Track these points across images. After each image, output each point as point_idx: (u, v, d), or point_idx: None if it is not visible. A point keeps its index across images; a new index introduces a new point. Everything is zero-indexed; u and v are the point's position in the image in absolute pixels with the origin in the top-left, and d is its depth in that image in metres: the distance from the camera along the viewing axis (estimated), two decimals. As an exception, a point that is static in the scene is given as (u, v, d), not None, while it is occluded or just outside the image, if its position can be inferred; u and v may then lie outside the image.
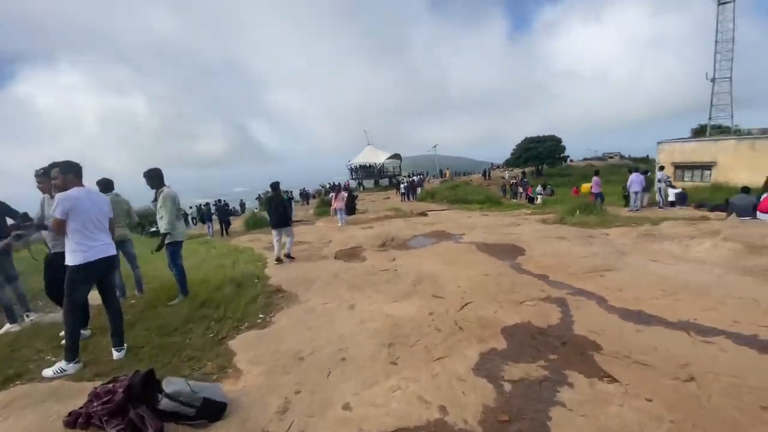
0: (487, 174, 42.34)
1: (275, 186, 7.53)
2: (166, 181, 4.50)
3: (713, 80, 36.40)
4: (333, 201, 13.19)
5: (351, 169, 40.89)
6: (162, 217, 4.32)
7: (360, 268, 6.08)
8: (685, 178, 23.90)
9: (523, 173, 39.65)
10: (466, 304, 4.35)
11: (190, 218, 26.32)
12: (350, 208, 18.99)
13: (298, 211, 23.50)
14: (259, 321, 4.14)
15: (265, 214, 15.55)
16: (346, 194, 13.77)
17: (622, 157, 62.54)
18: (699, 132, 37.24)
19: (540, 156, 40.51)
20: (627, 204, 13.14)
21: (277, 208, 7.21)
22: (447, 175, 41.82)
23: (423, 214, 15.00)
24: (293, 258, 7.35)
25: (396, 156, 40.63)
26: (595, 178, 13.22)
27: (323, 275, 5.71)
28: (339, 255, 7.65)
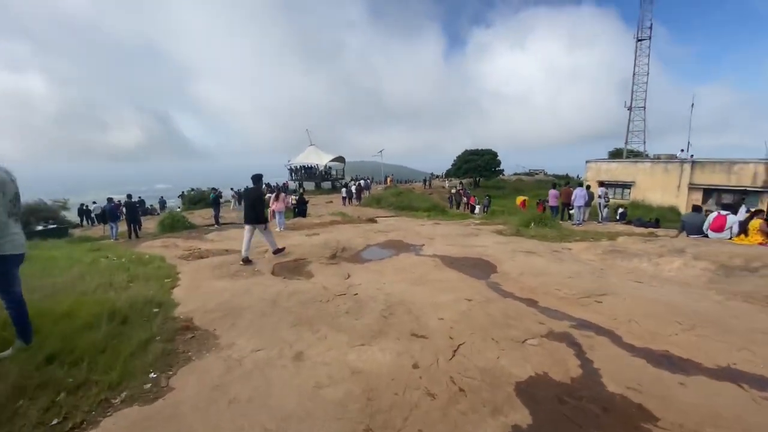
0: (427, 183, 42.77)
1: (257, 178, 6.93)
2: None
3: (630, 108, 40.83)
4: (271, 202, 11.44)
5: (291, 170, 38.45)
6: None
7: (307, 290, 4.66)
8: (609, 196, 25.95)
9: (461, 184, 40.74)
10: (458, 348, 3.22)
11: (92, 216, 22.20)
12: (301, 213, 17.12)
13: (227, 213, 20.94)
14: (147, 387, 2.57)
15: (182, 214, 13.28)
16: (285, 195, 12.08)
17: (545, 174, 67.99)
18: (616, 155, 41.39)
19: (478, 168, 41.97)
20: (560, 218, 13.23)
21: (254, 203, 6.72)
22: (389, 181, 41.40)
23: (372, 220, 13.85)
24: (283, 249, 7.04)
25: (340, 159, 39.09)
26: (552, 191, 13.20)
27: (256, 302, 4.20)
28: (278, 270, 6.12)
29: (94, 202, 22.96)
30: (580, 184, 13.71)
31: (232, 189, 27.46)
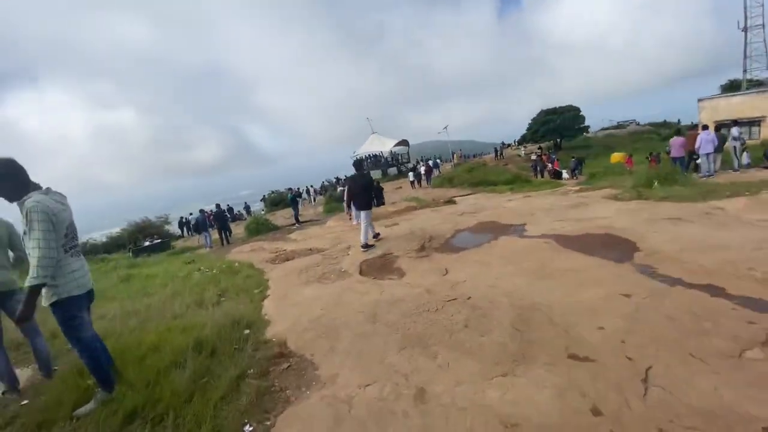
0: (499, 153, 39.82)
1: (359, 164, 6.94)
2: (53, 185, 2.35)
3: (745, 29, 33.12)
4: (345, 195, 11.03)
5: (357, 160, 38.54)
6: (31, 254, 2.13)
7: (407, 296, 3.92)
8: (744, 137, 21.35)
9: (540, 148, 37.03)
10: (646, 374, 2.21)
11: (191, 226, 24.48)
12: (378, 201, 16.86)
13: (305, 210, 21.48)
14: (242, 448, 2.04)
15: (266, 217, 13.63)
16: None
17: (638, 124, 59.22)
18: (730, 88, 34.04)
19: (558, 129, 37.76)
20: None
21: (365, 189, 6.51)
22: (456, 158, 39.14)
23: (450, 201, 12.78)
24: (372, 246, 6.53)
25: (403, 142, 38.10)
26: (677, 139, 10.78)
27: (352, 316, 3.58)
28: (366, 269, 5.52)
29: (191, 214, 25.32)
30: (705, 127, 11.04)
31: (337, 179, 28.47)
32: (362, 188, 6.27)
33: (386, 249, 6.31)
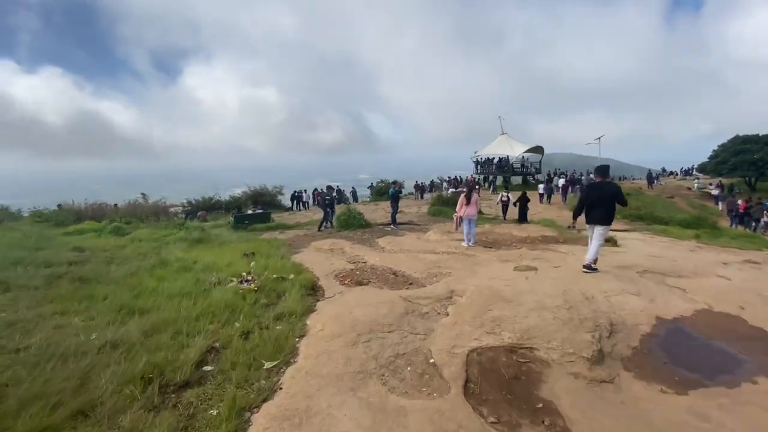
0: (652, 181, 31.18)
1: (604, 170, 5.50)
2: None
3: None
4: (460, 206, 8.22)
5: (477, 162, 34.84)
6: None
7: None
8: None
9: (721, 184, 27.66)
10: None
11: (303, 201, 24.60)
12: (522, 216, 14.00)
13: (409, 208, 19.27)
14: None
15: (359, 212, 11.66)
16: (478, 194, 8.64)
17: None
18: None
19: (757, 163, 27.69)
20: None
21: (602, 199, 5.24)
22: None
23: (610, 241, 8.86)
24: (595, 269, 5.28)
25: (537, 149, 32.71)
26: None
27: None
28: (481, 385, 2.74)
29: (305, 190, 25.54)
30: None
31: (450, 179, 26.36)
32: (603, 198, 5.24)
33: (518, 331, 3.39)
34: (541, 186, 23.80)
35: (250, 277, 4.87)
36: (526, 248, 7.72)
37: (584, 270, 5.32)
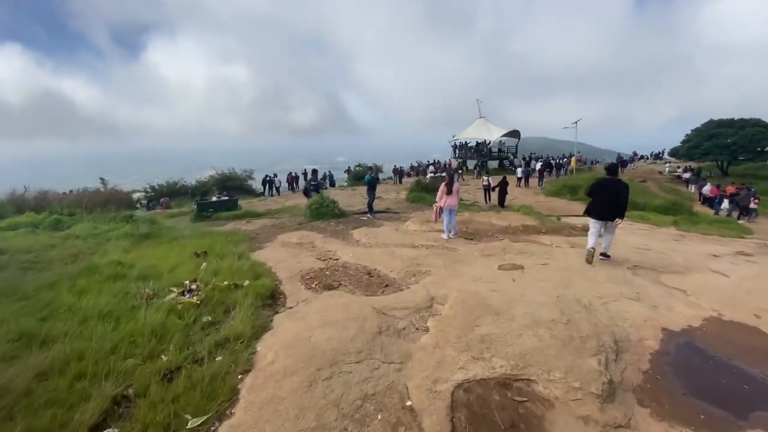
0: (631, 164, 31.59)
1: (614, 169, 5.62)
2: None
3: None
4: (440, 196, 7.59)
5: (455, 146, 34.33)
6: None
7: None
8: None
9: (691, 168, 28.43)
10: None
11: (275, 187, 23.33)
12: (501, 201, 14.54)
13: (387, 194, 18.60)
14: None
15: (332, 201, 10.82)
16: (457, 184, 8.03)
17: None
18: None
19: (730, 147, 28.48)
20: None
21: (618, 194, 5.15)
22: (574, 162, 30.75)
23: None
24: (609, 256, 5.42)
25: (514, 133, 32.47)
26: None
27: None
28: (471, 428, 2.17)
29: (275, 175, 24.26)
30: None
31: (429, 163, 25.50)
32: (611, 194, 5.33)
33: (516, 358, 2.82)
34: (519, 170, 23.73)
35: (194, 286, 4.10)
36: (509, 240, 7.24)
37: (601, 257, 5.57)
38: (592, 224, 5.55)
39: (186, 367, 2.64)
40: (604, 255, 5.63)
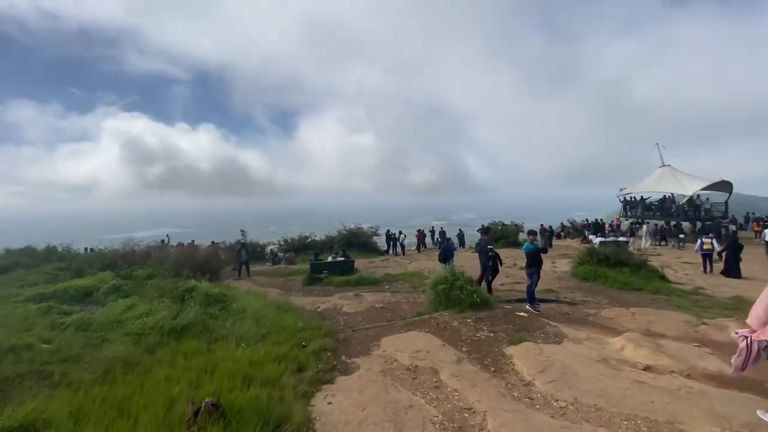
0: None
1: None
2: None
3: None
4: (765, 307, 3.18)
5: (624, 201, 26.69)
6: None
7: None
8: None
9: None
10: None
11: (399, 243, 20.97)
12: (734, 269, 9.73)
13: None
14: None
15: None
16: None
17: None
18: None
19: None
20: None
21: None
22: None
23: None
24: None
25: (722, 185, 23.32)
26: None
27: None
28: None
29: (400, 232, 22.04)
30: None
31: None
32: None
33: None
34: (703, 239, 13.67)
35: None
36: None
37: None
38: None
39: None
40: None
